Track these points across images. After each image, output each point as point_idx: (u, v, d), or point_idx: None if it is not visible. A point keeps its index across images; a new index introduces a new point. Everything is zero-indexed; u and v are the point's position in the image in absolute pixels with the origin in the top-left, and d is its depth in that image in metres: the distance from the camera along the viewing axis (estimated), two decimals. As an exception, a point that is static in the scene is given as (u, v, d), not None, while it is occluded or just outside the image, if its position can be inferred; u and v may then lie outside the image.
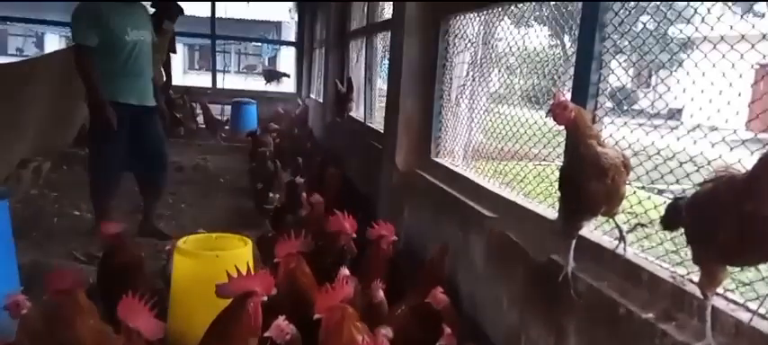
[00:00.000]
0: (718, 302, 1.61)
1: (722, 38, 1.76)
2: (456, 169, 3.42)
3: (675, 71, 2.19)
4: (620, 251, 1.95)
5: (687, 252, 1.65)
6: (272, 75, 12.15)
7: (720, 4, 1.82)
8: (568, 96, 2.28)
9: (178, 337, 2.71)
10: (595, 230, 2.15)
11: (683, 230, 1.62)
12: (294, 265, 2.60)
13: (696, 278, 1.60)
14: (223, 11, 12.88)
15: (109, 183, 4.39)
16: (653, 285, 1.86)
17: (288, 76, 12.19)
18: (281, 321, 2.13)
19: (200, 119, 9.99)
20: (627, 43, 2.15)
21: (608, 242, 2.05)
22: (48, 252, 4.22)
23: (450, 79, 3.62)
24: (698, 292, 1.59)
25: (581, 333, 1.96)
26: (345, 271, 2.66)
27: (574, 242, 1.99)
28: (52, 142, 6.49)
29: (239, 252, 2.94)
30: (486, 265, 2.67)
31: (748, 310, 1.57)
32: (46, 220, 5.03)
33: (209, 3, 11.24)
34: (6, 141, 5.22)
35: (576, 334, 1.98)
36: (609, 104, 2.20)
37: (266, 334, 2.11)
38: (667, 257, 1.92)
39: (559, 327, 2.06)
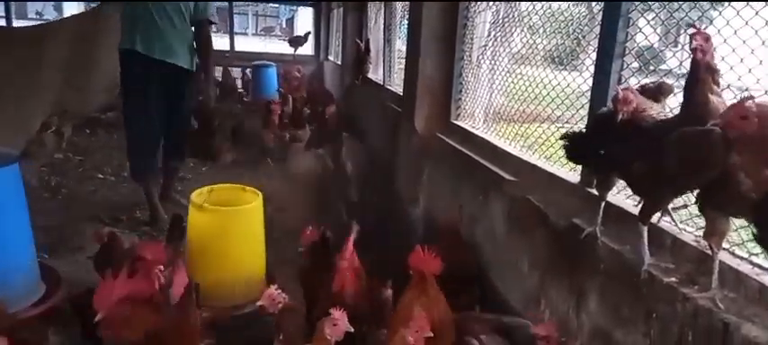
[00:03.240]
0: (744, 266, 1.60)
1: (756, -6, 1.69)
2: (476, 132, 3.38)
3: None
4: (663, 222, 1.92)
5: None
6: (298, 41, 12.07)
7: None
8: (594, 56, 2.23)
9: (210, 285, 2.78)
10: (618, 194, 2.12)
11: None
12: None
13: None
14: (239, -29, 12.71)
15: (139, 143, 4.21)
16: (676, 249, 1.84)
17: (310, 34, 12.11)
18: (273, 289, 2.13)
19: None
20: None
21: (632, 206, 2.02)
22: (74, 215, 4.32)
23: (471, 40, 3.55)
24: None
25: (602, 297, 1.95)
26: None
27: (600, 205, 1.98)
28: (73, 106, 6.56)
29: (251, 206, 3.00)
30: (507, 229, 2.66)
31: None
32: (71, 183, 5.12)
33: (226, -37, 11.12)
34: (27, 106, 5.29)
35: (596, 297, 1.98)
36: (635, 64, 2.14)
37: (259, 303, 2.12)
38: (691, 221, 1.89)
39: (580, 290, 2.06)
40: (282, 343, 2.07)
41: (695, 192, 1.65)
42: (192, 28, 4.19)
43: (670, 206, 1.86)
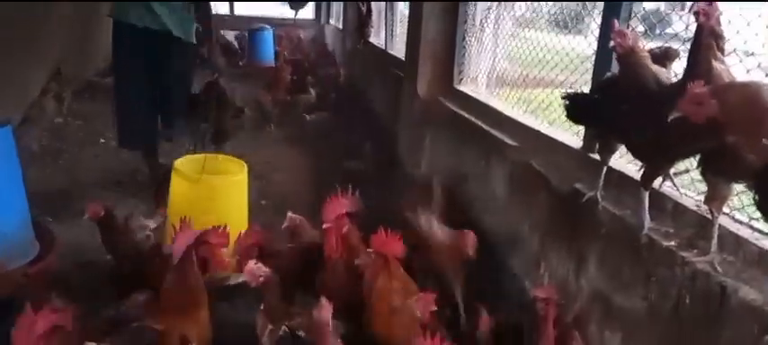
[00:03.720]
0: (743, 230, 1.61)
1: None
2: (479, 97, 3.37)
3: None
4: (664, 188, 1.92)
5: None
6: (298, 3, 11.89)
7: None
8: (599, 20, 2.21)
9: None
10: (621, 158, 2.12)
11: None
12: (346, 229, 2.25)
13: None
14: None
15: (124, 111, 4.13)
16: (677, 214, 1.85)
17: None
18: (253, 264, 2.09)
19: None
20: (663, -38, 2.03)
21: (633, 170, 2.02)
22: (76, 180, 4.34)
23: (475, 3, 3.50)
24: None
25: (602, 260, 1.97)
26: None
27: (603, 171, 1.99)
28: (73, 71, 6.52)
29: (236, 178, 3.00)
30: (508, 194, 2.67)
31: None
32: (72, 148, 5.13)
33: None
34: (25, 71, 5.25)
35: (596, 261, 1.99)
36: (641, 28, 2.11)
37: (240, 278, 2.11)
38: (693, 186, 1.89)
39: (580, 254, 2.08)
40: (264, 315, 2.06)
41: (697, 157, 1.65)
42: None
43: (672, 170, 1.86)
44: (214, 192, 2.94)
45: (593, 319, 1.99)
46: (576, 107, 2.03)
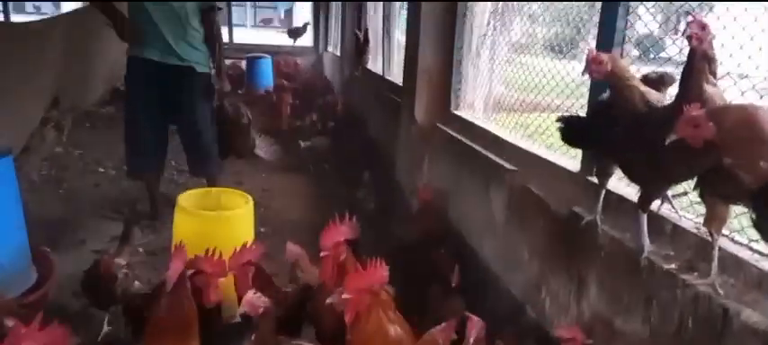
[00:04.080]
0: (744, 252, 1.61)
1: (756, -21, 1.68)
2: (476, 122, 3.39)
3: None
4: (663, 210, 1.92)
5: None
6: (297, 32, 12.02)
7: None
8: (593, 44, 2.23)
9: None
10: (619, 181, 2.13)
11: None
12: (343, 257, 2.19)
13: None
14: (237, -38, 12.65)
15: (132, 142, 4.14)
16: (676, 236, 1.85)
17: (309, 24, 12.06)
18: (251, 294, 2.04)
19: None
20: (655, -13, 2.07)
21: (632, 193, 2.03)
22: (75, 209, 4.34)
23: (471, 29, 3.55)
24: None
25: (602, 284, 1.96)
26: None
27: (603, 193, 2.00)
28: (72, 101, 6.56)
29: (241, 211, 2.96)
30: (507, 218, 2.67)
31: (774, 260, 1.56)
32: (72, 177, 5.14)
33: (224, -46, 11.08)
34: (25, 100, 5.28)
35: (596, 285, 1.99)
36: (635, 52, 2.14)
37: (240, 312, 2.02)
38: (691, 208, 1.90)
39: (580, 278, 2.07)
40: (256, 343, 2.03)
41: (694, 180, 1.66)
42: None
43: (670, 193, 1.86)
44: (219, 227, 2.89)
45: (596, 343, 1.98)
46: (571, 130, 2.04)
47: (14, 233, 2.78)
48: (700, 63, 1.56)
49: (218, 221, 2.90)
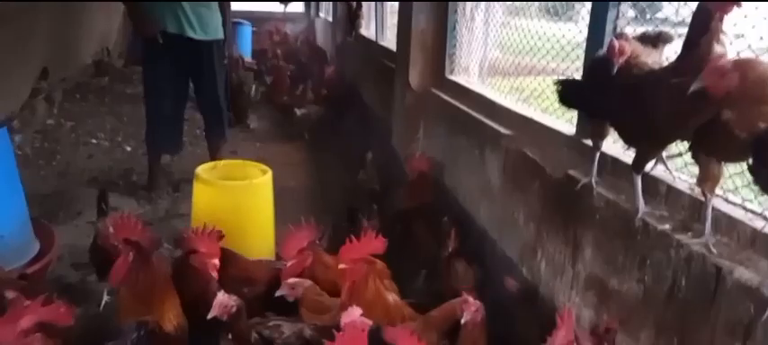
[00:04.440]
0: (737, 212, 1.63)
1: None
2: (471, 86, 3.37)
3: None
4: (657, 172, 1.93)
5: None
6: None
7: None
8: (589, 6, 2.21)
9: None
10: (614, 143, 2.13)
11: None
12: (310, 262, 2.21)
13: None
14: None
15: (151, 116, 4.13)
16: (670, 197, 1.86)
17: None
18: (222, 296, 2.02)
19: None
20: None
21: (627, 156, 2.04)
22: (70, 181, 4.32)
23: (465, -8, 3.50)
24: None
25: (597, 245, 1.99)
26: None
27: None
28: (59, 71, 6.47)
29: (261, 181, 2.96)
30: (503, 182, 2.68)
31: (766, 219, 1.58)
32: (65, 149, 5.10)
33: None
34: (13, 72, 5.21)
35: (592, 246, 2.01)
36: (631, 13, 2.12)
37: (210, 315, 1.97)
38: (685, 169, 1.91)
39: (576, 240, 2.09)
40: (234, 340, 2.01)
41: (689, 141, 1.66)
42: None
43: (664, 154, 1.87)
44: (239, 197, 2.90)
45: (590, 304, 2.01)
46: (568, 92, 2.04)
47: (14, 204, 2.77)
48: (717, 24, 1.54)
49: (238, 191, 2.89)
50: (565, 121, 2.45)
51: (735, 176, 1.69)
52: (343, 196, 3.90)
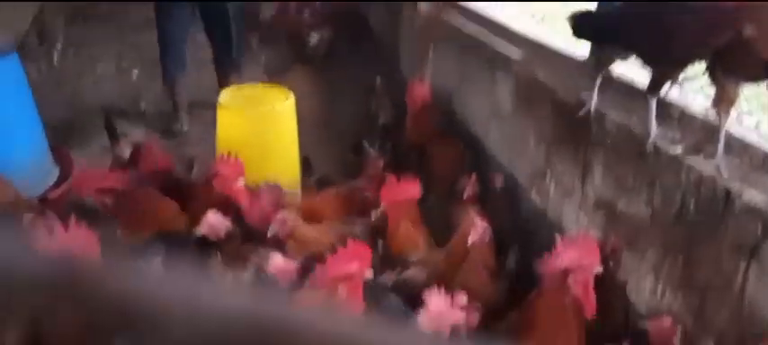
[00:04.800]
0: (750, 135, 1.62)
1: None
2: (483, 9, 3.28)
3: None
4: (671, 95, 1.91)
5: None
6: None
7: None
8: None
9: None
10: (628, 65, 2.10)
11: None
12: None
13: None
14: None
15: (163, 46, 4.06)
16: (683, 121, 1.86)
17: None
18: (212, 215, 1.96)
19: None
20: None
21: (640, 79, 2.01)
22: (78, 109, 4.33)
23: None
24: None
25: (607, 169, 2.00)
26: None
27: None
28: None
29: (284, 106, 2.94)
30: (513, 107, 2.66)
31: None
32: (70, 76, 5.07)
33: None
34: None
35: (601, 169, 2.02)
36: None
37: (199, 232, 1.94)
38: (700, 92, 1.89)
39: (586, 163, 2.10)
40: (221, 264, 1.96)
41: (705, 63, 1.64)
42: None
43: (680, 76, 1.85)
44: (263, 124, 2.88)
45: (598, 226, 2.05)
46: (583, 24, 2.00)
47: (32, 131, 2.77)
48: None
49: (261, 118, 2.86)
50: (577, 45, 2.40)
51: (750, 98, 1.68)
52: (353, 126, 3.88)
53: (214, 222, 1.94)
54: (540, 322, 1.59)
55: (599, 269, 1.57)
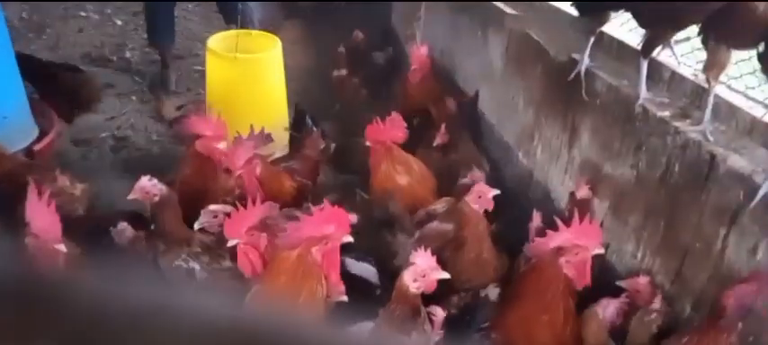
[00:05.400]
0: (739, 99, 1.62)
1: None
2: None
3: None
4: (662, 57, 1.88)
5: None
6: None
7: None
8: None
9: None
10: (621, 27, 2.07)
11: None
12: (259, 170, 2.09)
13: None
14: None
15: (157, 10, 3.83)
16: (673, 83, 1.84)
17: None
18: (145, 180, 1.81)
19: None
20: None
21: (633, 40, 1.98)
22: (62, 56, 4.22)
23: None
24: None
25: (595, 131, 1.99)
26: None
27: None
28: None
29: (271, 53, 2.92)
30: (504, 65, 2.63)
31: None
32: (54, 22, 4.94)
33: None
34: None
35: (589, 132, 2.02)
36: None
37: (130, 196, 1.82)
38: (692, 55, 1.87)
39: (574, 125, 2.09)
40: (158, 236, 1.83)
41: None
42: None
43: (672, 39, 1.82)
44: (252, 70, 2.88)
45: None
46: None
47: (13, 83, 2.68)
48: None
49: (249, 63, 2.86)
50: (570, 3, 2.35)
51: (740, 63, 1.66)
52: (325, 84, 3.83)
53: (145, 185, 1.80)
54: (529, 294, 1.63)
55: (600, 249, 1.60)
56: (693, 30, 1.69)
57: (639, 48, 1.78)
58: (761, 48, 1.40)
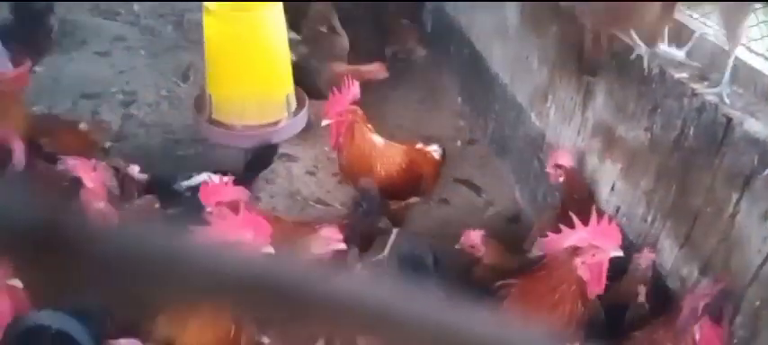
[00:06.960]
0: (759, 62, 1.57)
1: None
2: None
3: None
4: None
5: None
6: None
7: None
8: None
9: (221, 99, 2.81)
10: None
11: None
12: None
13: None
14: None
15: None
16: (693, 44, 1.79)
17: None
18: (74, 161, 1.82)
19: None
20: None
21: None
22: (67, 8, 4.17)
23: None
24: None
25: (610, 93, 1.96)
26: None
27: None
28: None
29: (267, 10, 2.82)
30: (519, 24, 2.58)
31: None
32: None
33: None
34: None
35: (604, 94, 1.98)
36: None
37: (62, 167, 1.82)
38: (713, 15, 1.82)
39: (588, 86, 2.06)
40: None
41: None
42: None
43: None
44: (250, 27, 2.79)
45: (595, 150, 2.04)
46: None
47: None
48: None
49: (247, 21, 2.77)
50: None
51: (762, 24, 1.62)
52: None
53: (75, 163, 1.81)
54: (539, 293, 1.56)
55: (618, 252, 1.49)
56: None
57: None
58: None
